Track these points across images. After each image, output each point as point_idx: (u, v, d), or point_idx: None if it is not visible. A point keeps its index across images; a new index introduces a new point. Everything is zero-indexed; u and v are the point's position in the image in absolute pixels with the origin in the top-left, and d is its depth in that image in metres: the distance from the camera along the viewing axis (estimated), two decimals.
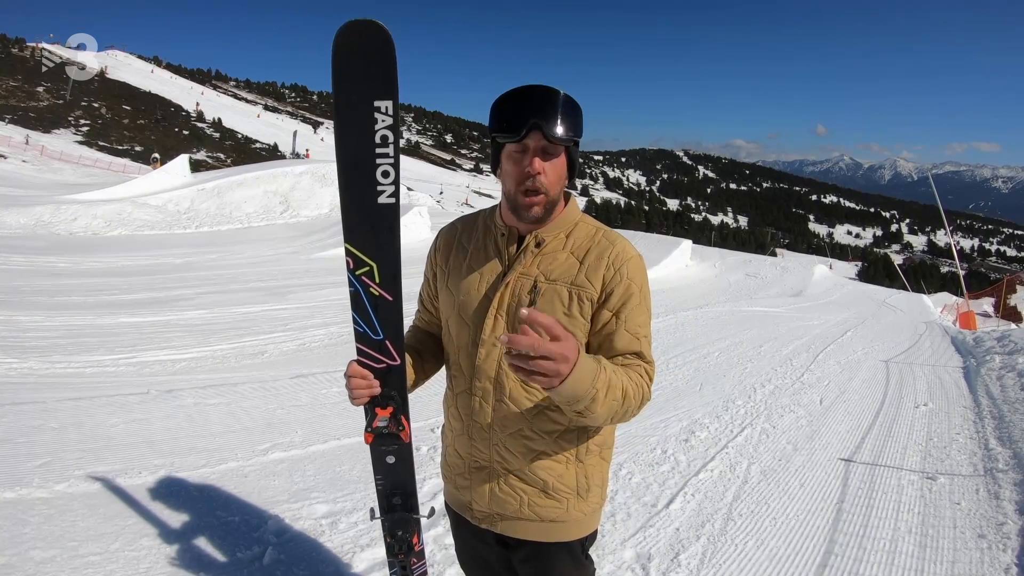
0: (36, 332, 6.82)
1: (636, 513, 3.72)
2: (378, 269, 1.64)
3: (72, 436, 4.02)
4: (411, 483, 1.86)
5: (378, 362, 1.68)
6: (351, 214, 1.62)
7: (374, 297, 1.66)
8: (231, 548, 2.99)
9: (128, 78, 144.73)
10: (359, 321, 1.67)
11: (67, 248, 14.14)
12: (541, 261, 1.60)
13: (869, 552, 3.48)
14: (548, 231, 1.62)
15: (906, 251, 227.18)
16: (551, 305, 1.56)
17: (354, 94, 1.52)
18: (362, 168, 1.57)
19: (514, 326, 1.58)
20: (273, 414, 4.79)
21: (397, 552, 1.89)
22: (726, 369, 7.62)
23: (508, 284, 1.60)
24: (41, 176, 36.28)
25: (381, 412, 1.69)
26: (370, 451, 1.80)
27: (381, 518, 1.90)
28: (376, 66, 1.49)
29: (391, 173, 1.58)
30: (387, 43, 1.47)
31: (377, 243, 1.63)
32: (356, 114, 1.53)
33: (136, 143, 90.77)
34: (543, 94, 1.49)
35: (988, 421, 6.06)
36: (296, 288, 11.01)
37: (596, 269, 1.57)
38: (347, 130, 1.55)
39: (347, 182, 1.59)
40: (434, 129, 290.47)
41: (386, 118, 1.53)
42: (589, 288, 1.56)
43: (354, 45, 1.47)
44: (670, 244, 23.50)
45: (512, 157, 1.53)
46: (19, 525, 2.95)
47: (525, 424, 1.62)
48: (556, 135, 1.46)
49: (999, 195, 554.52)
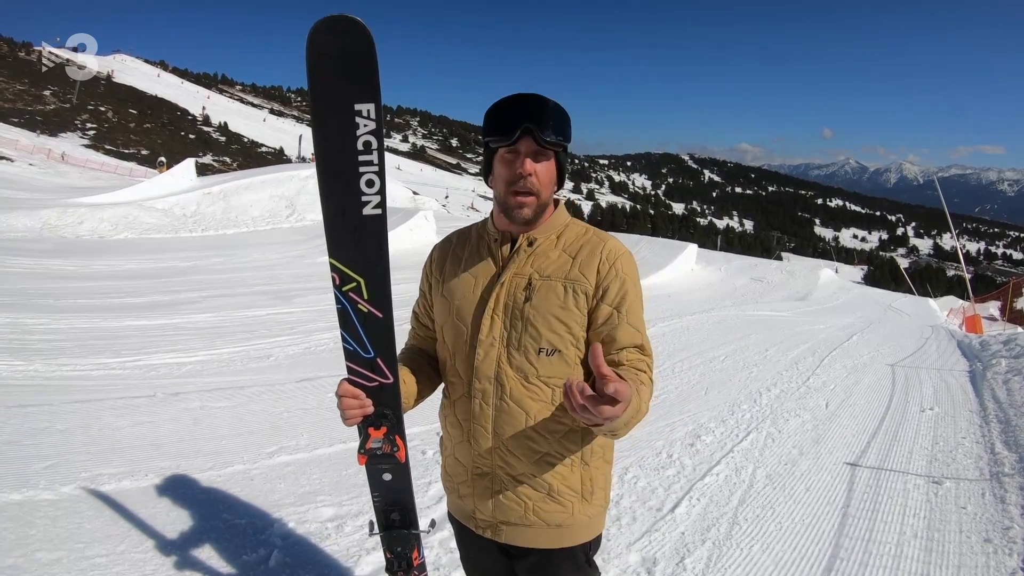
0: (42, 335, 6.83)
1: (641, 517, 3.72)
2: (366, 285, 1.57)
3: (79, 438, 4.04)
4: (409, 499, 1.82)
5: (370, 380, 1.63)
6: (335, 227, 1.53)
7: (363, 314, 1.59)
8: (237, 550, 3.00)
9: (135, 82, 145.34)
10: (348, 339, 1.61)
11: (73, 251, 14.17)
12: (534, 260, 1.65)
13: (875, 556, 3.48)
14: (540, 232, 1.67)
15: (912, 255, 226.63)
16: (547, 300, 1.59)
17: (333, 97, 1.43)
18: (344, 177, 1.48)
19: (513, 324, 1.61)
20: (279, 417, 4.80)
21: (396, 569, 1.87)
22: (731, 373, 7.60)
23: (503, 284, 1.64)
24: (47, 179, 36.44)
25: (375, 433, 1.65)
26: (366, 469, 1.77)
27: (380, 535, 1.87)
28: (356, 66, 1.40)
29: (376, 182, 1.49)
30: (367, 41, 1.38)
31: (364, 257, 1.55)
32: (335, 119, 1.44)
33: (142, 147, 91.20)
34: (535, 101, 1.55)
35: (994, 425, 6.04)
36: (302, 292, 11.01)
37: (589, 264, 1.62)
38: (326, 137, 1.46)
39: (329, 193, 1.51)
40: (440, 133, 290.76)
41: (368, 122, 1.44)
42: (583, 282, 1.60)
43: (331, 44, 1.38)
44: (676, 248, 23.43)
45: (504, 160, 1.58)
46: (26, 527, 2.96)
47: (528, 424, 1.62)
48: (547, 139, 1.54)
49: (1005, 198, 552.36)
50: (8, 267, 11.10)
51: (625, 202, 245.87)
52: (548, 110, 1.55)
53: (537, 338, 1.60)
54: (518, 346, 1.61)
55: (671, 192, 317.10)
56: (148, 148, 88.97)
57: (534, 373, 1.61)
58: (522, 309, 1.61)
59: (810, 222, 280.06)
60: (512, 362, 1.61)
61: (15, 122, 74.59)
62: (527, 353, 1.60)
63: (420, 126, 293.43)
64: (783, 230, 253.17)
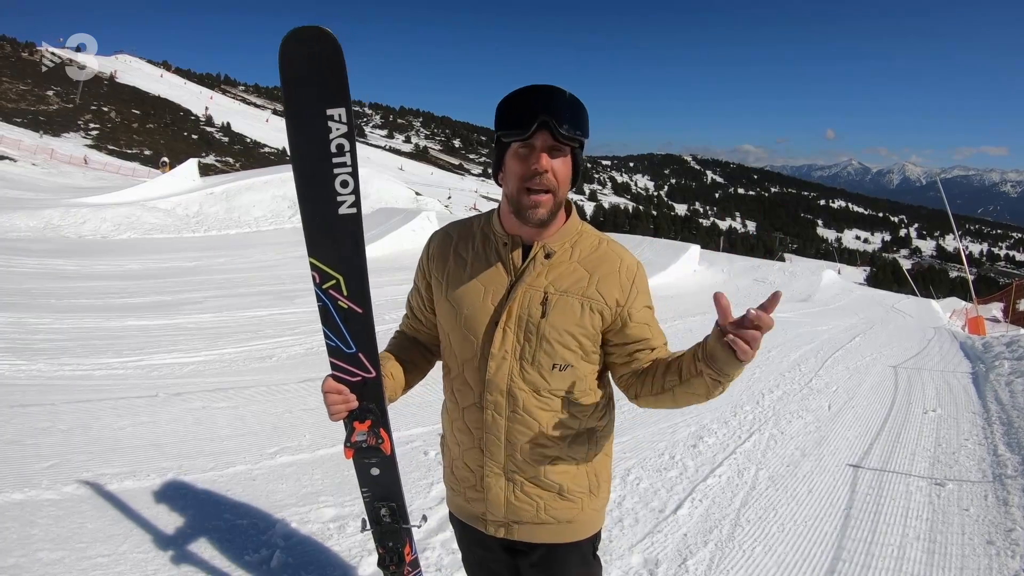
0: (45, 334, 6.84)
1: (644, 518, 3.71)
2: (344, 282, 1.62)
3: (80, 438, 4.03)
4: (398, 493, 1.84)
5: (353, 376, 1.66)
6: (312, 227, 1.60)
7: (343, 310, 1.64)
8: (239, 551, 3.00)
9: (138, 82, 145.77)
10: (330, 335, 1.65)
11: (76, 251, 14.20)
12: (549, 271, 1.58)
13: (877, 558, 3.47)
14: (554, 241, 1.60)
15: (915, 256, 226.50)
16: (564, 317, 1.56)
17: (305, 103, 1.48)
18: (319, 179, 1.54)
19: (527, 338, 1.58)
20: (281, 418, 4.80)
21: (388, 563, 1.89)
22: None
23: (516, 298, 1.58)
24: (50, 179, 36.50)
25: (359, 426, 1.67)
26: (354, 464, 1.79)
27: (371, 530, 1.89)
28: (326, 73, 1.46)
29: (350, 183, 1.54)
30: (335, 49, 1.44)
31: (340, 255, 1.61)
32: (308, 124, 1.50)
33: (145, 147, 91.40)
34: (551, 92, 1.47)
35: (997, 427, 6.03)
36: (304, 292, 11.00)
37: (608, 283, 1.59)
38: (300, 141, 1.52)
39: (305, 194, 1.56)
40: (442, 134, 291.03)
41: (340, 126, 1.50)
42: (600, 301, 1.57)
43: (301, 53, 1.44)
44: (678, 249, 23.42)
45: (518, 155, 1.50)
46: (27, 526, 2.96)
47: (540, 433, 1.61)
48: (565, 133, 1.45)
49: (1008, 199, 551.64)
50: (11, 267, 11.12)
51: (628, 203, 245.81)
52: (566, 102, 1.47)
53: (552, 354, 1.57)
54: (532, 361, 1.58)
55: (674, 193, 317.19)
56: (151, 148, 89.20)
57: (546, 387, 1.59)
58: (538, 325, 1.56)
59: (813, 223, 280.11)
60: (525, 376, 1.59)
61: (18, 122, 74.69)
62: (541, 368, 1.58)
63: (423, 127, 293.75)
64: (786, 231, 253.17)
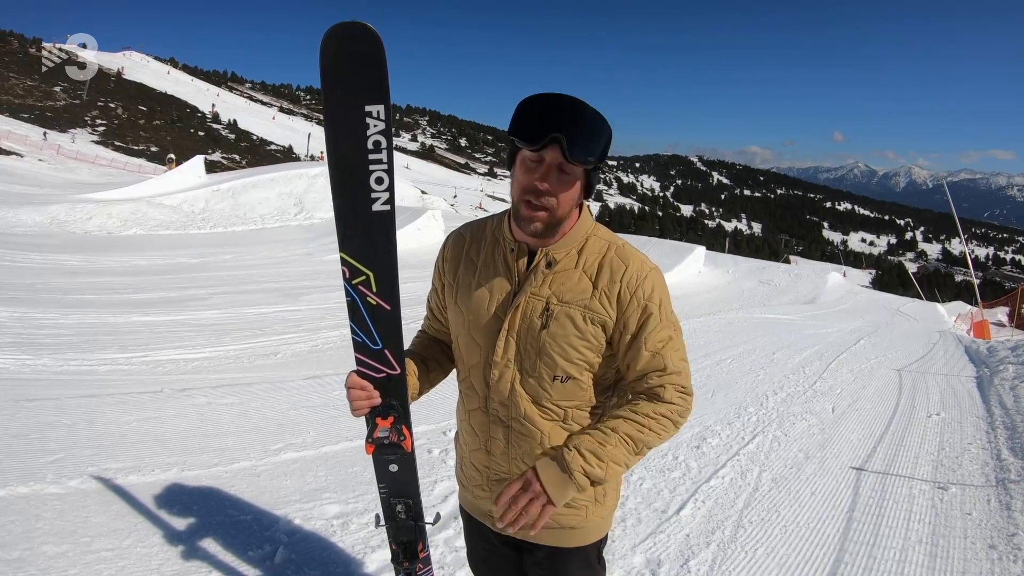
0: (50, 329, 6.88)
1: (646, 519, 3.71)
2: (375, 278, 1.61)
3: (85, 433, 4.06)
4: (415, 490, 1.84)
5: (378, 372, 1.66)
6: (345, 222, 1.59)
7: (371, 307, 1.63)
8: (242, 547, 3.01)
9: (145, 79, 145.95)
10: (357, 331, 1.65)
11: (82, 247, 14.25)
12: (553, 281, 1.55)
13: (879, 561, 3.46)
14: (559, 248, 1.56)
15: (920, 259, 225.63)
16: (564, 328, 1.53)
17: (344, 99, 1.48)
18: (355, 175, 1.53)
19: (527, 348, 1.56)
20: (285, 415, 4.81)
21: (402, 560, 1.89)
22: (738, 376, 7.58)
23: (519, 307, 1.56)
24: (57, 175, 36.61)
25: (382, 422, 1.68)
26: (372, 460, 1.79)
27: (386, 526, 1.89)
28: (366, 70, 1.45)
29: (385, 179, 1.54)
30: (377, 46, 1.43)
31: (373, 251, 1.60)
32: (347, 119, 1.49)
33: (152, 143, 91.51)
34: (570, 107, 1.40)
35: (1001, 431, 6.01)
36: (309, 289, 11.04)
37: (610, 293, 1.53)
38: (338, 136, 1.51)
39: (340, 189, 1.56)
40: (448, 133, 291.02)
41: (378, 123, 1.49)
42: (602, 313, 1.53)
43: (343, 49, 1.43)
44: (684, 250, 23.37)
45: (526, 164, 1.46)
46: (32, 520, 2.98)
47: (544, 440, 1.60)
48: (575, 156, 1.39)
49: (1014, 203, 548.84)
50: (17, 262, 11.18)
51: (633, 203, 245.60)
52: (584, 121, 1.40)
53: (552, 366, 1.55)
54: (532, 371, 1.57)
55: (679, 194, 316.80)
56: (157, 145, 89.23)
57: (547, 398, 1.58)
58: (538, 336, 1.54)
59: (818, 225, 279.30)
60: (526, 386, 1.58)
61: (25, 118, 74.91)
62: (541, 380, 1.57)
63: (429, 125, 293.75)
64: (791, 233, 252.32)
